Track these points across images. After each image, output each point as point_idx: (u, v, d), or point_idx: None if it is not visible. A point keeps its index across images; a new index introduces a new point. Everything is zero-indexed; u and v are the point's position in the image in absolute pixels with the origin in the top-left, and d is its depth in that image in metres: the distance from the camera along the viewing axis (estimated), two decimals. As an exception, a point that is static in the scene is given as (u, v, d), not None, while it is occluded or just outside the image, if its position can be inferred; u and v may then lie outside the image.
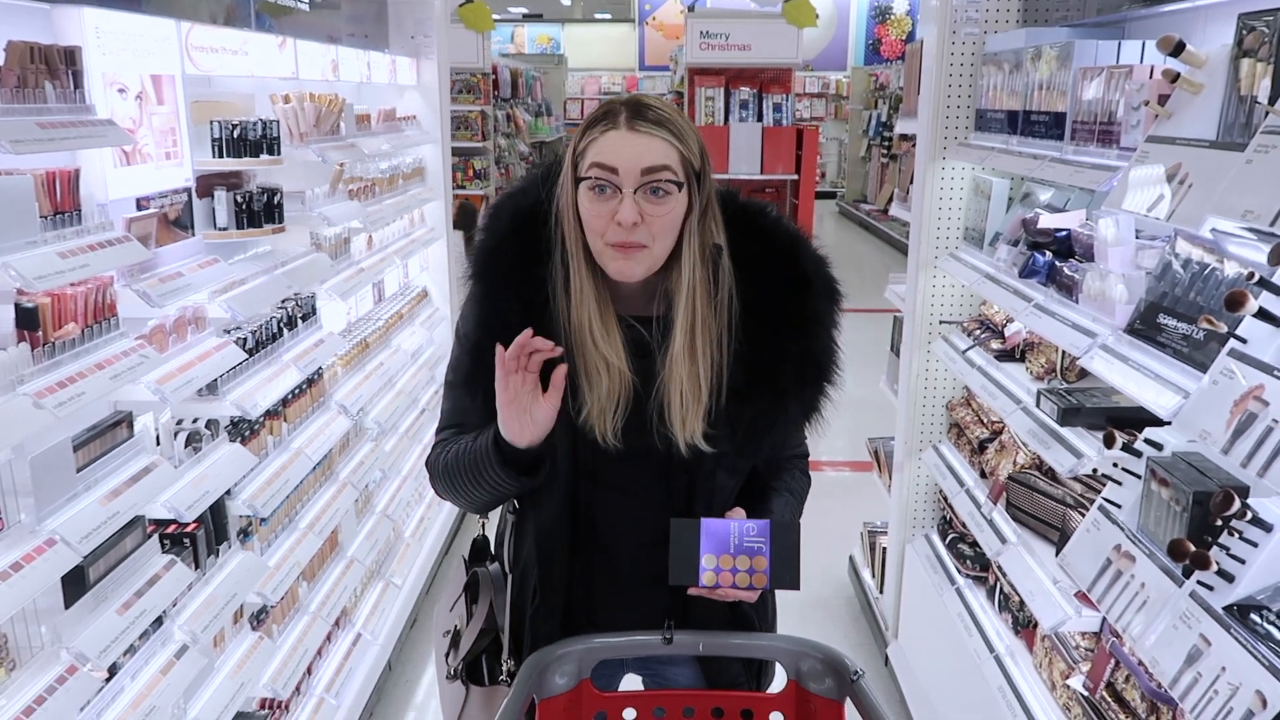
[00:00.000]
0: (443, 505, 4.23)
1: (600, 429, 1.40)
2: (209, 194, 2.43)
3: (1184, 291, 1.68)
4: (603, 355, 1.39)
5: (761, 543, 1.37)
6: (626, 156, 1.32)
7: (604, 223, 1.34)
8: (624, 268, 1.36)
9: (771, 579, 1.37)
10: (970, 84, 2.87)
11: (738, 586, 1.37)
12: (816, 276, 1.45)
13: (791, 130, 7.42)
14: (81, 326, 1.76)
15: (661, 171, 1.33)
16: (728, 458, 1.46)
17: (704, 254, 1.39)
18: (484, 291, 1.45)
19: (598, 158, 1.33)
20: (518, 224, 1.44)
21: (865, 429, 4.24)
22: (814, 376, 1.45)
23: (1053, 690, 2.25)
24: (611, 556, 1.53)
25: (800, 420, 1.48)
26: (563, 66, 14.19)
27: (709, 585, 1.37)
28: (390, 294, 4.03)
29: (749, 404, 1.43)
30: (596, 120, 1.36)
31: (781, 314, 1.43)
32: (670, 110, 1.36)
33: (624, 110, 1.34)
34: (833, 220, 15.36)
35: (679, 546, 1.36)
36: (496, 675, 1.58)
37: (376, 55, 3.73)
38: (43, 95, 1.66)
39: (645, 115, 1.34)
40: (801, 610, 3.73)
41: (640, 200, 1.33)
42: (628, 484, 1.48)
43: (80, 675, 1.64)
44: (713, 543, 1.37)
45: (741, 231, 1.44)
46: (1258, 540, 1.33)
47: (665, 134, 1.34)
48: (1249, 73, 1.48)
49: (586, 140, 1.35)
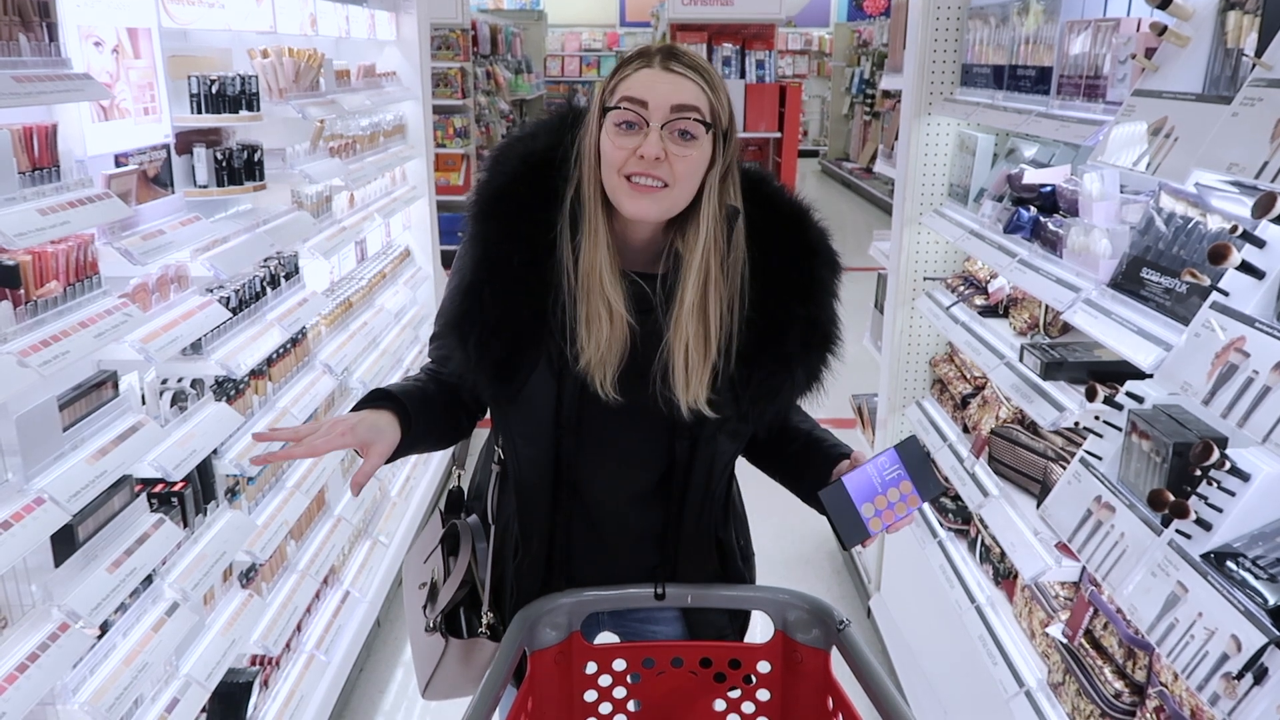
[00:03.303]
0: (428, 465, 4.24)
1: (599, 378, 1.39)
2: (188, 151, 2.40)
3: (1167, 245, 1.70)
4: (607, 299, 1.36)
5: (898, 470, 1.38)
6: (658, 92, 1.31)
7: (625, 155, 1.32)
8: (641, 207, 1.33)
9: (921, 495, 1.39)
10: (956, 38, 2.86)
11: (900, 518, 1.38)
12: (820, 245, 1.45)
13: (774, 87, 7.37)
14: (63, 285, 1.74)
15: (690, 112, 1.32)
16: (730, 422, 1.45)
17: (722, 212, 1.38)
18: (486, 231, 1.41)
19: (629, 91, 1.32)
20: (528, 167, 1.41)
21: (849, 385, 4.27)
22: (819, 343, 1.45)
23: (1032, 638, 2.30)
24: (593, 512, 1.53)
25: (804, 387, 1.48)
26: (542, 22, 13.96)
27: (877, 531, 1.37)
28: (373, 253, 4.00)
29: (756, 369, 1.42)
30: (630, 60, 1.36)
31: (789, 280, 1.43)
32: (705, 62, 1.38)
33: (659, 53, 1.35)
34: (815, 179, 15.30)
35: (838, 512, 1.36)
36: (475, 628, 1.57)
37: (355, 9, 3.67)
38: (17, 48, 1.62)
39: (680, 59, 1.34)
40: (786, 564, 3.78)
41: (666, 139, 1.31)
42: (618, 440, 1.47)
43: (72, 633, 1.65)
44: (861, 493, 1.37)
45: (748, 197, 1.43)
46: (1235, 489, 1.36)
47: (699, 79, 1.34)
48: (1236, 25, 1.48)
49: (618, 78, 1.35)
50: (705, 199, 1.36)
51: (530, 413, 1.44)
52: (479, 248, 1.41)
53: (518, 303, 1.40)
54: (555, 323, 1.40)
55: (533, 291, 1.39)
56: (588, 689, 1.53)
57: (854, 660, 1.38)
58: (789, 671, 1.51)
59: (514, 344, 1.40)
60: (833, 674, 1.46)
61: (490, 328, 1.40)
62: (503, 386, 1.43)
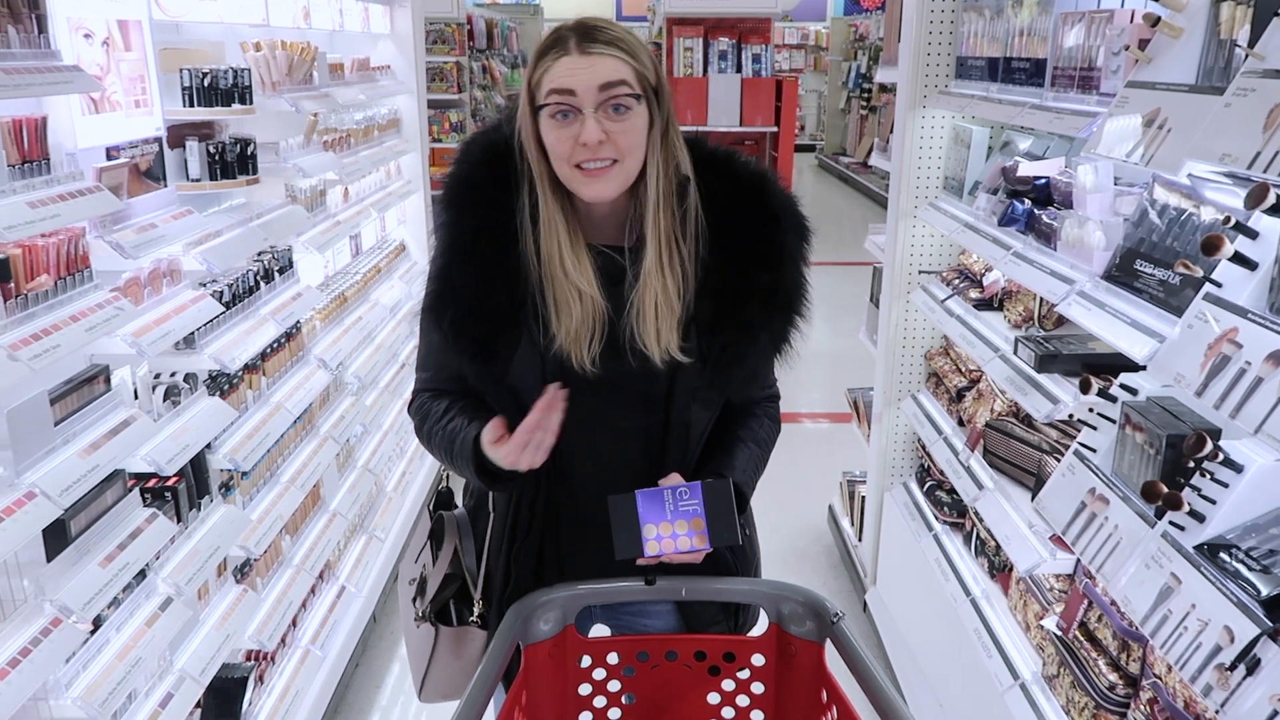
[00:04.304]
0: (424, 460, 4.24)
1: (577, 356, 1.41)
2: (180, 144, 2.39)
3: (1161, 237, 1.70)
4: (574, 284, 1.40)
5: (696, 504, 1.39)
6: (582, 79, 1.32)
7: (569, 146, 1.35)
8: (597, 189, 1.37)
9: (711, 538, 1.38)
10: (951, 31, 2.85)
11: (680, 550, 1.39)
12: (784, 212, 1.46)
13: (771, 82, 7.35)
14: (54, 278, 1.73)
15: (619, 86, 1.33)
16: (701, 390, 1.47)
17: (669, 170, 1.40)
18: (455, 218, 1.46)
19: (554, 83, 1.33)
20: (490, 155, 1.45)
21: (844, 380, 4.27)
22: (782, 307, 1.46)
23: (1027, 631, 2.31)
24: (579, 494, 1.53)
25: (770, 352, 1.49)
26: (538, 16, 13.92)
27: (653, 554, 1.38)
28: (368, 247, 3.99)
29: (719, 335, 1.44)
30: (547, 49, 1.36)
31: (749, 247, 1.44)
32: (619, 29, 1.37)
33: (573, 35, 1.34)
34: (812, 173, 15.29)
35: (620, 522, 1.38)
36: (465, 618, 1.60)
37: (349, 2, 3.65)
38: (6, 40, 1.61)
39: (596, 37, 1.34)
40: (782, 558, 3.78)
41: (602, 119, 1.33)
42: (600, 416, 1.48)
43: (65, 627, 1.64)
44: (651, 512, 1.38)
45: (713, 172, 1.45)
46: (1228, 481, 1.36)
47: (618, 52, 1.34)
48: (1229, 17, 1.48)
49: (540, 70, 1.35)
50: (650, 158, 1.39)
51: (515, 394, 1.46)
52: (449, 233, 1.46)
53: (490, 284, 1.43)
54: (530, 306, 1.43)
55: (504, 274, 1.42)
56: (582, 682, 1.53)
57: (848, 653, 1.38)
58: (783, 664, 1.51)
59: (490, 324, 1.43)
60: (827, 667, 1.46)
61: (463, 307, 1.43)
62: (484, 366, 1.46)
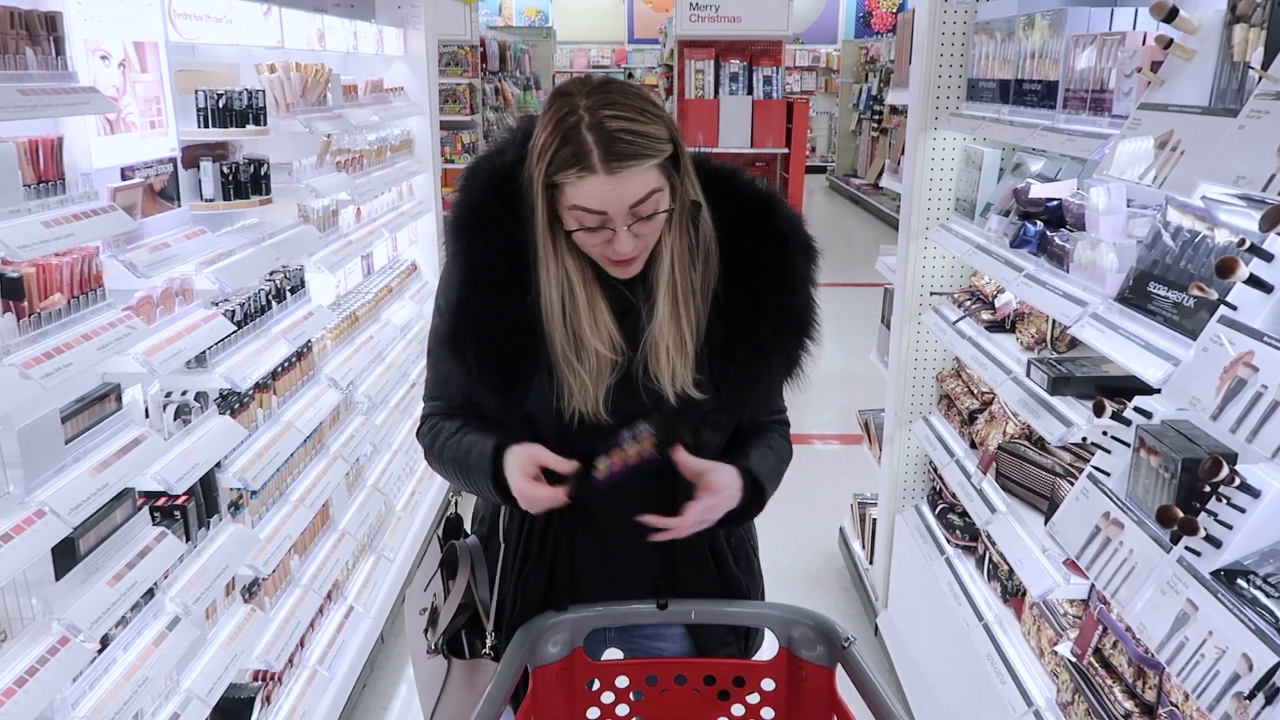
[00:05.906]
0: (434, 480, 4.23)
1: (583, 408, 1.41)
2: (195, 164, 2.41)
3: (1175, 259, 1.68)
4: (592, 349, 1.39)
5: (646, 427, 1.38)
6: (613, 201, 1.29)
7: (600, 248, 1.35)
8: (626, 272, 1.39)
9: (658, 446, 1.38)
10: (962, 53, 2.86)
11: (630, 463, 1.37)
12: (792, 233, 1.45)
13: (781, 103, 7.38)
14: (68, 297, 1.74)
15: (649, 198, 1.31)
16: (714, 414, 1.46)
17: (684, 218, 1.39)
18: (467, 247, 1.43)
19: (581, 202, 1.30)
20: (497, 181, 1.42)
21: (855, 402, 4.26)
22: (793, 329, 1.45)
23: (1041, 657, 2.28)
24: (597, 524, 1.52)
25: (782, 375, 1.48)
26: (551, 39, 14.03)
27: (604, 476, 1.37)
28: (379, 267, 4.01)
29: (730, 359, 1.43)
30: (568, 161, 1.28)
31: (758, 268, 1.43)
32: (637, 121, 1.28)
33: (596, 150, 1.26)
34: (823, 194, 15.32)
35: None
36: (478, 649, 1.57)
37: (363, 25, 3.69)
38: (23, 61, 1.63)
39: (622, 152, 1.26)
40: (793, 580, 3.76)
41: (634, 227, 1.32)
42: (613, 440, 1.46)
43: (72, 646, 1.64)
44: None
45: (716, 190, 1.44)
46: (1245, 506, 1.34)
47: (645, 162, 1.29)
48: (1242, 39, 1.47)
49: (561, 178, 1.30)
50: (669, 222, 1.38)
51: (530, 419, 1.45)
52: (462, 263, 1.43)
53: (506, 311, 1.41)
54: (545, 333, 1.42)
55: (519, 300, 1.41)
56: (590, 706, 1.52)
57: (859, 678, 1.37)
58: (793, 689, 1.49)
59: (511, 351, 1.42)
60: (838, 692, 1.45)
61: (485, 338, 1.42)
62: (505, 396, 1.45)
